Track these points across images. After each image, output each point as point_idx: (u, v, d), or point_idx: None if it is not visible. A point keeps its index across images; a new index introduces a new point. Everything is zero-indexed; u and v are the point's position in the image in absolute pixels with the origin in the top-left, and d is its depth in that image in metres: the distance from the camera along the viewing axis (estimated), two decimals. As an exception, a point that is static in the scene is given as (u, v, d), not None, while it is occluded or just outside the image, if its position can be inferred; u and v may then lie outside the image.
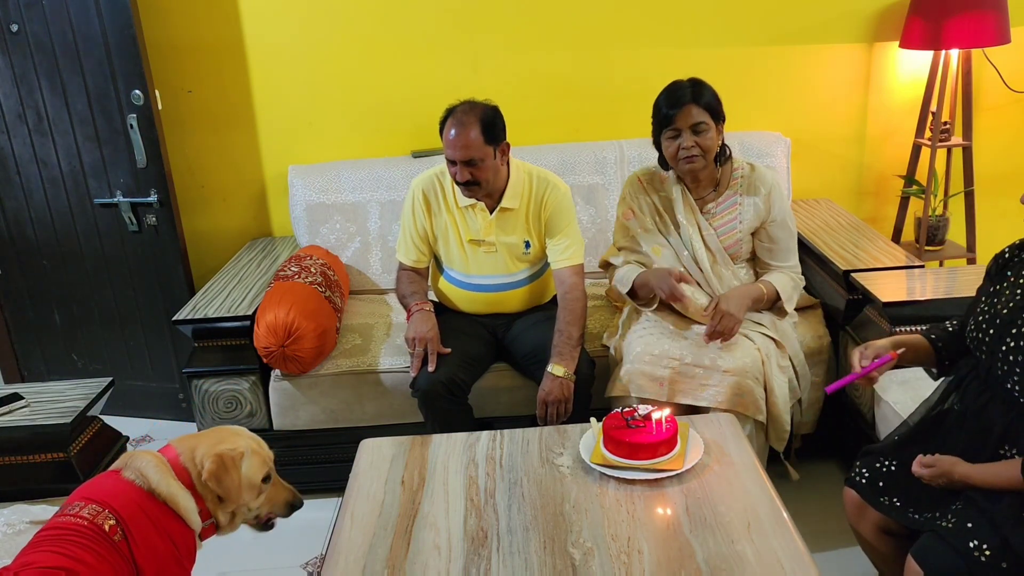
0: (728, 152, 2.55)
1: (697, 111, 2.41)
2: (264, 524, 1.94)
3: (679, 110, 2.41)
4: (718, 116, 2.46)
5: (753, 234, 2.58)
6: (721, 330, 2.40)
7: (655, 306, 2.59)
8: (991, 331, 1.80)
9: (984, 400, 1.82)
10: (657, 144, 2.54)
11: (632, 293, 2.60)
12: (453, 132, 2.47)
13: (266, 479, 1.88)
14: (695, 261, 2.56)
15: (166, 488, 1.75)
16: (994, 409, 1.80)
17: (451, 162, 2.51)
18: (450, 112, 2.52)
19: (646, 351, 2.46)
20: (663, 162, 2.57)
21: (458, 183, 2.54)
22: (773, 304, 2.58)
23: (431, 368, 2.50)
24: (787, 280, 2.58)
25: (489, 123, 2.49)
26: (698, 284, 2.55)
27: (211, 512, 1.82)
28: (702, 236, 2.54)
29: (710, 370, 2.40)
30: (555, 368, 2.48)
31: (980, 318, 1.84)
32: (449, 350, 2.55)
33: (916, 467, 1.81)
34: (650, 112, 3.34)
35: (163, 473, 1.76)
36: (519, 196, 2.61)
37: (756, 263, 2.64)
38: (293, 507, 1.96)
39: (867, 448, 2.02)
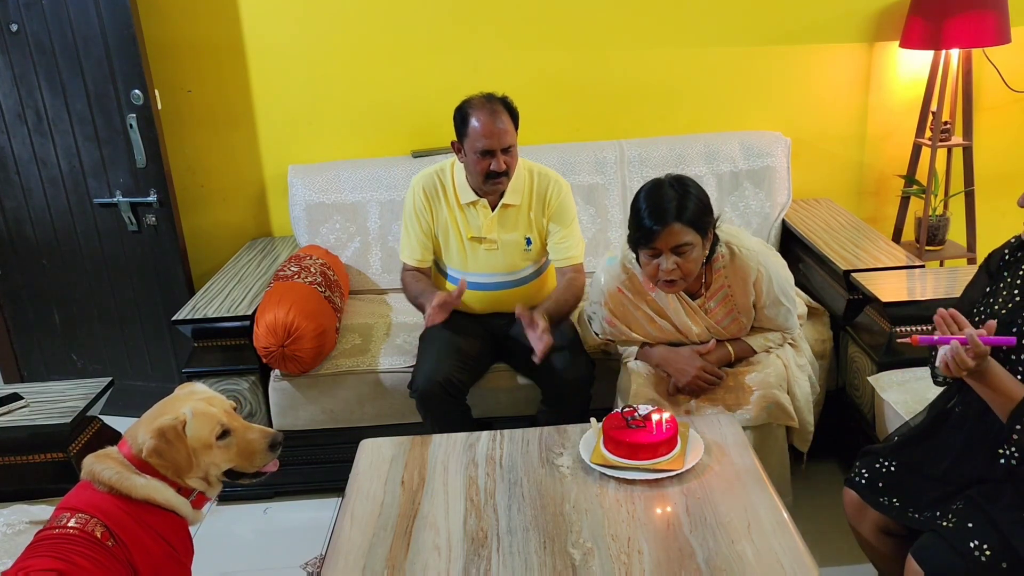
0: (715, 248, 2.28)
1: (680, 230, 2.12)
2: (255, 474, 1.82)
3: (660, 229, 2.12)
4: (705, 228, 2.18)
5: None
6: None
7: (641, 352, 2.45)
8: None
9: (985, 403, 1.81)
10: (634, 248, 2.27)
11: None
12: (489, 122, 2.43)
13: (223, 435, 1.75)
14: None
15: (133, 487, 1.67)
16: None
17: (486, 153, 2.46)
18: (470, 106, 2.48)
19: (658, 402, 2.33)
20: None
21: (495, 174, 2.48)
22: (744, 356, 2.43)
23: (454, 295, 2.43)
24: (764, 340, 2.42)
25: (514, 109, 2.51)
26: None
27: (183, 485, 1.73)
28: (707, 329, 2.38)
29: (734, 389, 2.33)
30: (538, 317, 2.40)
31: (978, 318, 1.84)
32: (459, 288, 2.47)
33: (952, 352, 1.65)
34: (650, 111, 3.32)
35: (124, 474, 1.68)
36: (520, 192, 2.61)
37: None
38: (274, 446, 1.80)
39: (867, 448, 2.02)
